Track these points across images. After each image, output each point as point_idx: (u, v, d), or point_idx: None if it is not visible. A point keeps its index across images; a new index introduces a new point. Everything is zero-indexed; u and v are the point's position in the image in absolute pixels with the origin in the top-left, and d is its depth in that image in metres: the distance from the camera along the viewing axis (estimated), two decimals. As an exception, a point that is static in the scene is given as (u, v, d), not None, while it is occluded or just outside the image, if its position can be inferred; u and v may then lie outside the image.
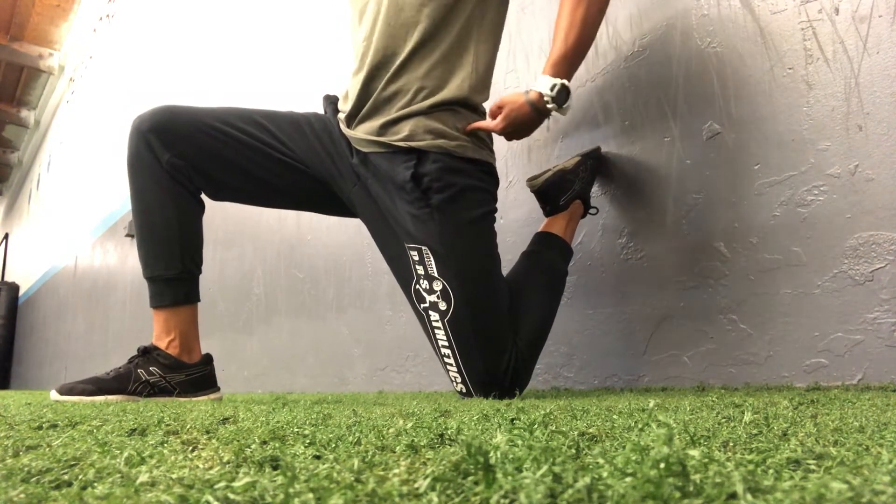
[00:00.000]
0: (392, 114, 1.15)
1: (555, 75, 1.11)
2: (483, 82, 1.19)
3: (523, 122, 1.14)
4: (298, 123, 1.27)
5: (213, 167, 1.23)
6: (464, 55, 1.15)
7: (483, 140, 1.19)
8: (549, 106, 1.11)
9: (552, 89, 1.10)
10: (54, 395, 1.16)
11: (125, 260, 4.71)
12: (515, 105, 1.13)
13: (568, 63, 1.11)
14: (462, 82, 1.14)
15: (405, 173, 1.12)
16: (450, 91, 1.13)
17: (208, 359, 1.28)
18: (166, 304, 1.22)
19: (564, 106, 1.12)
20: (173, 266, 1.21)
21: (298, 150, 1.24)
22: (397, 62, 1.14)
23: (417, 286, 1.14)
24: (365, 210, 1.23)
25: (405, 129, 1.13)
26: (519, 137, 1.19)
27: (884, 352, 0.94)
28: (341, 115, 1.24)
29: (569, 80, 1.12)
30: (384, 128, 1.15)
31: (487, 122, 1.15)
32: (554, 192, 1.31)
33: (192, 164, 1.21)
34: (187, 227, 1.23)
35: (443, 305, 1.11)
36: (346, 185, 1.24)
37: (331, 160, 1.24)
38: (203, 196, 1.29)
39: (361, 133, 1.18)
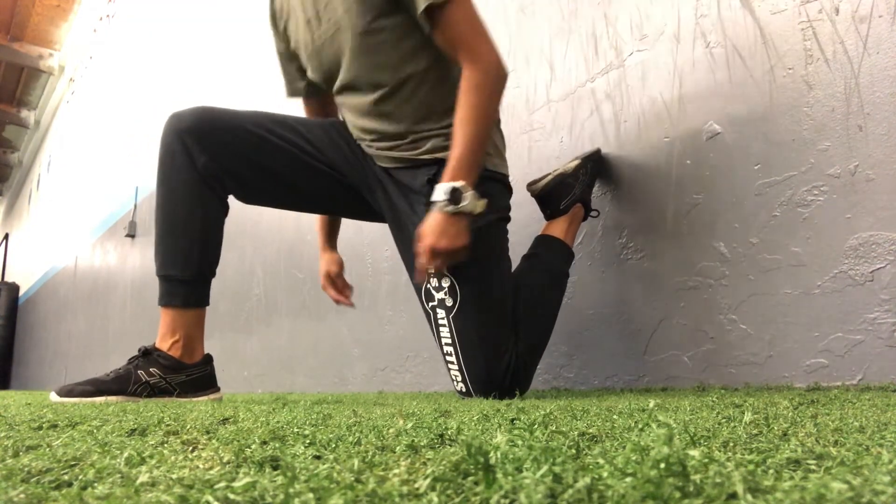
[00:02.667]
0: (412, 136, 1.18)
1: (450, 180, 1.04)
2: None
3: (441, 234, 1.04)
4: (328, 130, 1.28)
5: (247, 173, 1.23)
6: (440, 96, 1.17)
7: (498, 150, 1.23)
8: (448, 209, 1.03)
9: (446, 193, 1.03)
10: (54, 397, 1.16)
11: (125, 260, 4.71)
12: (425, 227, 1.06)
13: (462, 166, 1.06)
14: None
15: (423, 179, 1.16)
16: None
17: (208, 359, 1.28)
18: (176, 305, 1.21)
19: (463, 204, 1.03)
20: (189, 268, 1.20)
21: (332, 157, 1.26)
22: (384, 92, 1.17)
23: (427, 285, 1.16)
24: (388, 214, 1.26)
25: (426, 144, 1.18)
26: (453, 254, 1.05)
27: (884, 352, 0.94)
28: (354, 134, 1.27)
29: (468, 181, 1.04)
30: (405, 146, 1.19)
31: (420, 264, 1.07)
32: (554, 196, 1.31)
33: (226, 169, 1.21)
34: (211, 231, 1.23)
35: (449, 302, 1.12)
36: (374, 188, 1.26)
37: (359, 165, 1.26)
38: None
39: (383, 152, 1.22)
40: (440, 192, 1.05)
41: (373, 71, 1.16)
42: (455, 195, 1.03)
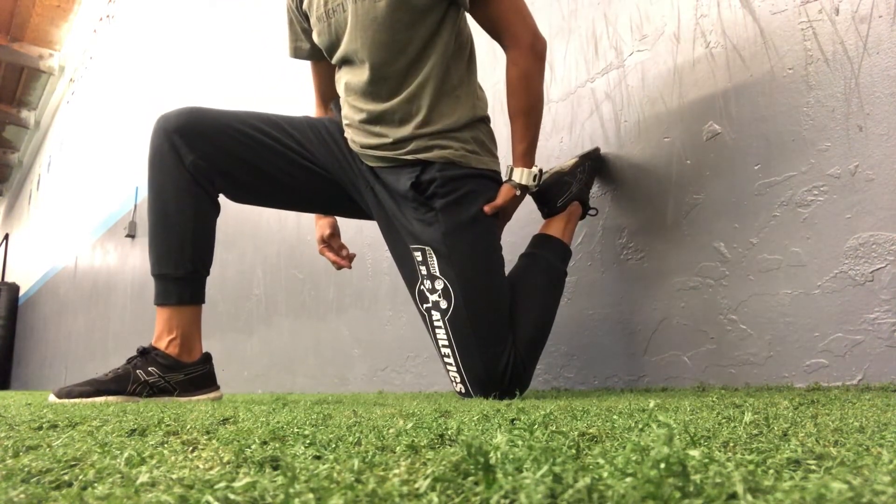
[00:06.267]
0: (396, 133, 1.18)
1: (529, 165, 1.21)
2: (472, 101, 1.21)
3: (515, 208, 1.26)
4: (317, 129, 1.29)
5: (236, 170, 1.24)
6: (446, 85, 1.18)
7: (487, 148, 1.23)
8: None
9: (534, 178, 1.21)
10: (52, 399, 1.16)
11: (125, 260, 4.71)
12: (512, 202, 1.22)
13: (532, 152, 1.22)
14: (455, 114, 1.18)
15: (406, 183, 1.17)
16: (448, 122, 1.18)
17: (207, 357, 1.28)
18: (172, 303, 1.22)
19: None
20: (183, 266, 1.21)
21: (319, 156, 1.27)
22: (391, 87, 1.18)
23: (421, 287, 1.16)
24: (376, 213, 1.27)
25: (409, 144, 1.18)
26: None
27: (884, 352, 0.94)
28: (344, 122, 1.26)
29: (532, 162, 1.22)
30: (389, 144, 1.19)
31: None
32: (551, 193, 1.31)
33: (215, 167, 1.22)
34: (202, 228, 1.24)
35: (444, 304, 1.12)
36: (361, 188, 1.27)
37: (348, 164, 1.27)
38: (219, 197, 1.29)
39: (367, 150, 1.22)
40: (528, 177, 1.20)
41: (376, 47, 1.15)
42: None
